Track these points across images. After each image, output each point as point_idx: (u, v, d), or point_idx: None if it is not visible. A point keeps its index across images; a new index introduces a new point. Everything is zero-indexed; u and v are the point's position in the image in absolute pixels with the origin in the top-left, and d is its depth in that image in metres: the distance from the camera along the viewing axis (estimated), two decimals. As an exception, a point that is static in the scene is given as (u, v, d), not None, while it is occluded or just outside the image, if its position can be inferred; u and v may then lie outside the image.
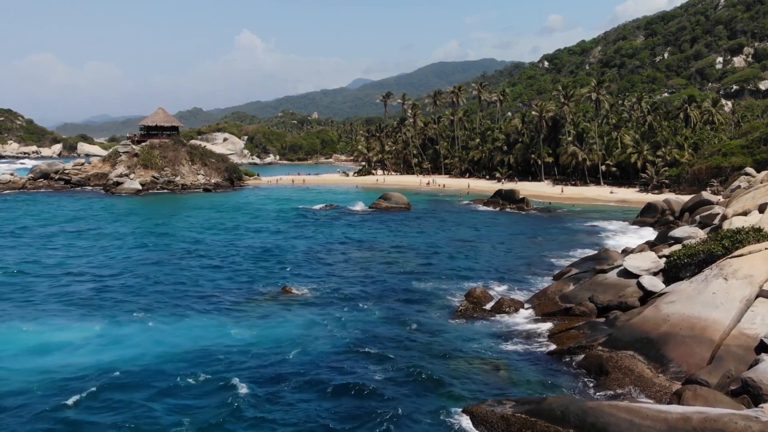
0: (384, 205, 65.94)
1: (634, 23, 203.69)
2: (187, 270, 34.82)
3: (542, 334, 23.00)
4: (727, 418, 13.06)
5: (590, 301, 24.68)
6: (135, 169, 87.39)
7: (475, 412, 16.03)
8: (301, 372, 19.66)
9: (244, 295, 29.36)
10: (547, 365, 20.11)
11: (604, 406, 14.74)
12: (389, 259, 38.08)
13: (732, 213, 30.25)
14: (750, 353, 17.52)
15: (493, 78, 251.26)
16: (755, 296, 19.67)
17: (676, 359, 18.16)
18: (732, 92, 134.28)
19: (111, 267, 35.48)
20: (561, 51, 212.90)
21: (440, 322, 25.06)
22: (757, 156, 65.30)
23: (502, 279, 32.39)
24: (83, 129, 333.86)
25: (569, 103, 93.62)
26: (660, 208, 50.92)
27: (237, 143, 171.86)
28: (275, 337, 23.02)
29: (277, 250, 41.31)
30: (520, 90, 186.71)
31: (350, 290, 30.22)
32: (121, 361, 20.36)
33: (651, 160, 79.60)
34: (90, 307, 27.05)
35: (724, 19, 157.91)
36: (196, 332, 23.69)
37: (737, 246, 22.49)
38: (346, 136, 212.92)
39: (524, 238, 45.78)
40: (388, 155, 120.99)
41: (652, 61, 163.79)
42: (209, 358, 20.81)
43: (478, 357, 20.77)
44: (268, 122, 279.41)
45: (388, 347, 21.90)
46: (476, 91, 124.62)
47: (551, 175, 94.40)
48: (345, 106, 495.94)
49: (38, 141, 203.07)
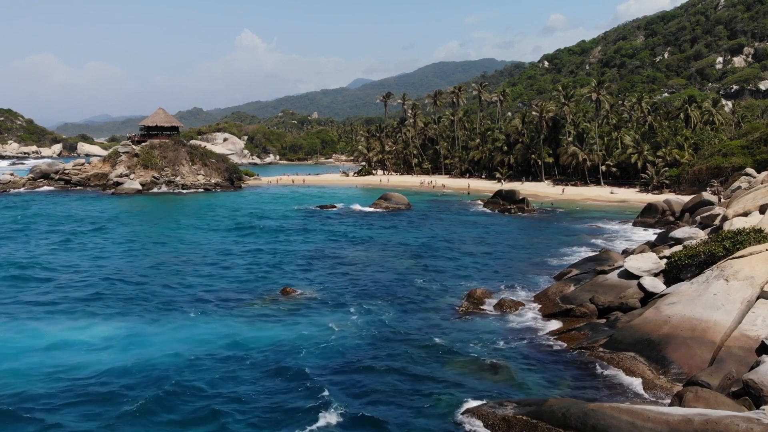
0: (384, 205, 65.93)
1: (634, 23, 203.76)
2: (186, 271, 34.80)
3: (543, 335, 22.98)
4: (729, 420, 13.05)
5: (591, 302, 24.68)
6: (135, 170, 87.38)
7: (476, 414, 16.02)
8: (301, 372, 19.64)
9: (245, 296, 29.32)
10: (548, 366, 20.09)
11: (605, 408, 14.72)
12: (390, 260, 38.06)
13: (733, 214, 30.27)
14: (751, 355, 17.53)
15: (493, 78, 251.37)
16: (756, 298, 19.67)
17: (677, 361, 18.17)
18: (732, 92, 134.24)
19: (112, 268, 35.45)
20: (561, 51, 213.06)
21: (441, 322, 25.04)
22: (757, 156, 65.26)
23: (502, 280, 32.36)
24: (83, 129, 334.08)
25: (569, 103, 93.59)
26: (660, 208, 50.90)
27: (237, 143, 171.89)
28: (275, 338, 22.99)
29: (277, 250, 41.27)
30: (520, 90, 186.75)
31: (351, 291, 30.21)
32: (122, 360, 20.38)
33: (651, 160, 79.58)
34: (92, 307, 27.05)
35: (724, 19, 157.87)
36: (189, 334, 23.68)
37: (738, 247, 22.47)
38: (347, 136, 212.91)
39: (525, 239, 45.75)
40: (389, 155, 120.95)
41: (652, 61, 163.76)
42: (211, 358, 20.83)
43: (478, 358, 20.74)
44: (268, 122, 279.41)
45: (389, 348, 21.88)
46: (476, 92, 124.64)
47: (551, 176, 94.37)
48: (345, 106, 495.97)
49: (38, 141, 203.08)
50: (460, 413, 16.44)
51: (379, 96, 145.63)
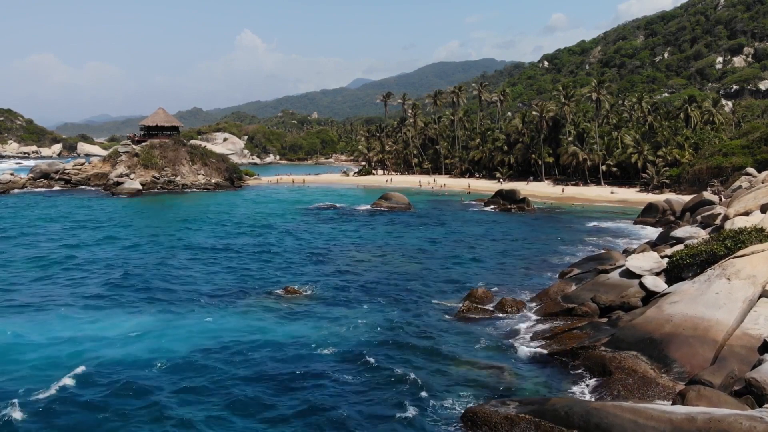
0: (385, 205, 65.90)
1: (634, 23, 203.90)
2: (186, 270, 34.79)
3: (545, 334, 22.94)
4: (732, 419, 13.04)
5: (593, 302, 24.64)
6: (135, 169, 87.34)
7: (478, 413, 15.98)
8: (300, 372, 19.65)
9: (246, 295, 29.30)
10: (550, 366, 20.08)
11: (608, 406, 14.71)
12: (390, 259, 38.05)
13: (734, 213, 30.27)
14: (753, 353, 17.52)
15: (493, 78, 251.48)
16: (758, 296, 19.67)
17: (679, 360, 18.14)
18: (732, 92, 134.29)
19: (113, 267, 35.45)
20: (561, 51, 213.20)
21: (442, 322, 25.02)
22: (757, 156, 65.25)
23: (503, 279, 32.36)
24: (83, 129, 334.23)
25: (570, 103, 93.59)
26: (661, 208, 50.90)
27: (237, 143, 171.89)
28: (274, 338, 22.97)
29: (277, 249, 41.27)
30: (520, 90, 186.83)
31: (351, 290, 30.19)
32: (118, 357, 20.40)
33: (651, 160, 79.58)
34: (94, 305, 27.09)
35: (724, 19, 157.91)
36: (193, 332, 23.68)
37: (740, 246, 22.45)
38: (346, 136, 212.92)
39: (525, 239, 45.75)
40: (389, 155, 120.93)
41: (652, 61, 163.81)
42: (214, 358, 20.85)
43: (480, 357, 20.73)
44: (268, 122, 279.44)
45: (389, 347, 21.86)
46: (476, 91, 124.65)
47: (552, 175, 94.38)
48: (345, 106, 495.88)
49: (38, 141, 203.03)
50: (462, 412, 16.41)
51: (379, 96, 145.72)
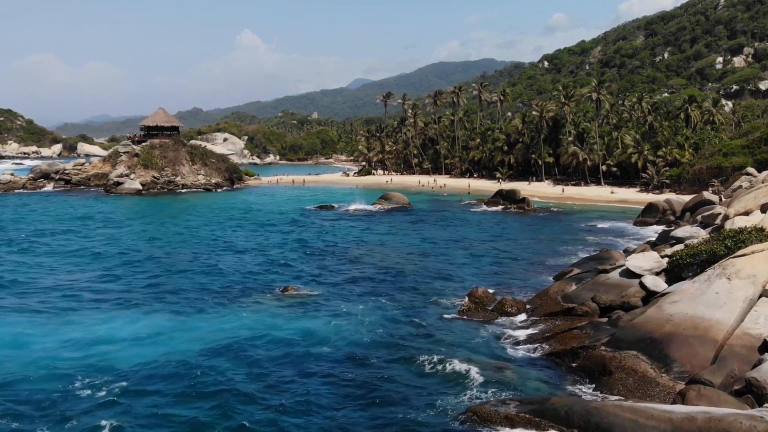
0: (385, 205, 65.92)
1: (634, 23, 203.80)
2: (185, 270, 34.79)
3: (545, 334, 22.93)
4: (732, 418, 13.05)
5: (593, 302, 24.61)
6: (135, 169, 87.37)
7: (478, 412, 15.99)
8: (300, 372, 19.65)
9: (247, 295, 29.31)
10: (550, 365, 20.08)
11: (608, 406, 14.72)
12: (390, 259, 38.05)
13: (734, 213, 30.25)
14: (753, 353, 17.51)
15: (493, 78, 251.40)
16: (758, 296, 19.66)
17: (679, 359, 18.13)
18: (732, 92, 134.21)
19: (113, 267, 35.47)
20: (561, 51, 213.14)
21: (442, 322, 25.02)
22: (757, 156, 65.22)
23: (503, 279, 32.36)
24: (83, 129, 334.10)
25: (570, 103, 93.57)
26: (661, 208, 50.89)
27: (237, 143, 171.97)
28: (273, 338, 22.98)
29: (278, 249, 41.28)
30: (520, 90, 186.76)
31: (351, 290, 30.20)
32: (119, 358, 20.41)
33: (652, 160, 79.55)
34: (95, 304, 27.08)
35: (724, 19, 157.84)
36: (193, 331, 23.69)
37: (740, 246, 22.43)
38: (346, 136, 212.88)
39: (525, 238, 45.75)
40: (389, 155, 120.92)
41: (652, 61, 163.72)
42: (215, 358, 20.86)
43: (480, 357, 20.72)
44: (268, 122, 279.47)
45: (389, 347, 21.86)
46: (477, 91, 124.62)
47: (552, 175, 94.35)
48: (345, 106, 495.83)
49: (38, 141, 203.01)
50: (462, 412, 16.42)
51: (379, 96, 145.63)
